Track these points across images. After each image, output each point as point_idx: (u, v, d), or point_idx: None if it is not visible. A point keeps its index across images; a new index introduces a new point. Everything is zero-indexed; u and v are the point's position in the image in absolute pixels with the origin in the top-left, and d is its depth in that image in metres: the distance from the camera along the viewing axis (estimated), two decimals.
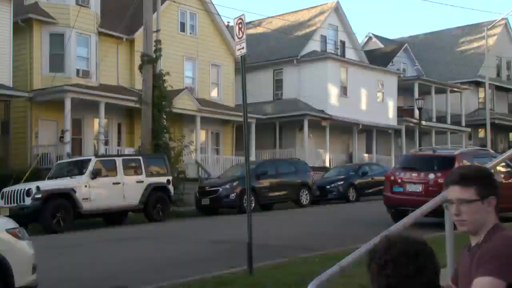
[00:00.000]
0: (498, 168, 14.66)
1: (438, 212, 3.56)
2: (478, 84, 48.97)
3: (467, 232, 3.13)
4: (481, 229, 3.10)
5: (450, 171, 3.29)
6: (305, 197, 23.43)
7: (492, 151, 23.47)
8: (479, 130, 48.42)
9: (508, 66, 53.86)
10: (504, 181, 15.10)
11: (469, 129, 46.85)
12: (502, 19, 48.41)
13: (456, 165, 14.56)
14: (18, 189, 17.26)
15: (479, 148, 26.00)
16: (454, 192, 3.11)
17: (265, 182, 22.42)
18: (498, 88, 51.83)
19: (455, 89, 46.59)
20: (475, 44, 50.90)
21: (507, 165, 15.57)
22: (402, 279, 2.31)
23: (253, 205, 19.62)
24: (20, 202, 16.89)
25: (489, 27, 45.24)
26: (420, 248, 2.40)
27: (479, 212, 3.10)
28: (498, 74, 52.43)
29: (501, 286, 2.90)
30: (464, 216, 3.07)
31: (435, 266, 2.41)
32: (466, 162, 14.77)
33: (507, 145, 50.53)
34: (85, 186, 17.75)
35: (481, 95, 49.47)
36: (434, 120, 44.43)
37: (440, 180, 13.66)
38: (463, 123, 46.54)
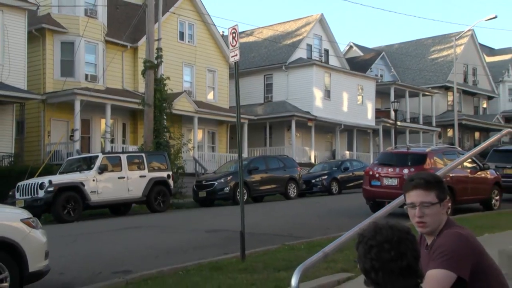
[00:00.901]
0: (465, 164, 14.72)
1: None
2: (447, 88, 49.35)
3: (427, 233, 3.12)
4: (437, 229, 3.08)
5: (408, 177, 3.27)
6: (292, 190, 23.43)
7: (460, 149, 23.57)
8: (448, 129, 48.73)
9: (474, 72, 54.19)
10: (470, 176, 15.21)
11: (439, 129, 47.17)
12: (469, 30, 48.61)
13: (428, 161, 14.63)
14: (32, 183, 17.18)
15: (448, 145, 26.08)
16: (418, 196, 3.10)
17: (256, 177, 22.40)
18: (465, 92, 52.27)
19: (427, 93, 46.84)
20: (445, 53, 51.21)
21: (473, 161, 15.62)
22: (384, 263, 2.33)
23: (245, 197, 19.61)
24: (34, 194, 16.81)
25: (457, 37, 45.46)
26: (403, 236, 2.40)
27: (438, 214, 3.11)
28: (465, 80, 52.79)
29: (450, 277, 2.88)
30: (426, 218, 3.08)
31: (415, 252, 2.40)
32: (436, 159, 14.83)
33: (473, 143, 50.88)
34: (93, 180, 17.69)
35: (450, 98, 49.82)
36: (408, 120, 44.69)
37: None
38: (434, 124, 46.84)
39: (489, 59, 58.19)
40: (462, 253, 2.96)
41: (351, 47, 53.90)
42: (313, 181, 25.76)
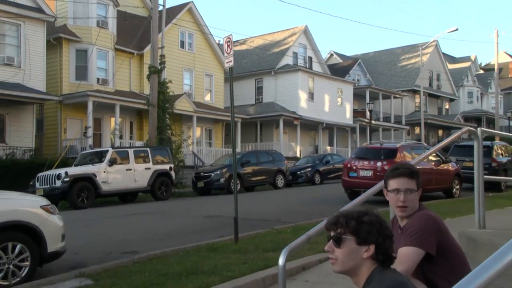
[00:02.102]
0: (430, 157, 14.79)
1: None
2: (415, 92, 49.53)
3: (406, 216, 3.13)
4: (413, 212, 3.11)
5: (393, 165, 3.29)
6: (280, 181, 23.47)
7: (425, 144, 23.72)
8: (415, 127, 48.90)
9: (438, 78, 54.44)
10: (434, 168, 15.28)
11: (407, 127, 47.38)
12: (434, 41, 48.84)
13: (398, 155, 14.67)
14: (50, 174, 17.16)
15: (415, 142, 26.24)
16: (403, 183, 3.11)
17: (248, 169, 22.43)
18: (430, 95, 52.48)
19: (397, 96, 47.01)
20: (413, 60, 51.36)
21: (437, 155, 15.69)
22: (385, 236, 2.25)
23: (238, 187, 19.59)
24: (52, 184, 16.80)
25: (423, 47, 45.62)
26: (382, 219, 2.35)
27: (415, 200, 3.15)
28: (430, 84, 53.01)
29: (420, 253, 2.92)
30: (408, 203, 3.10)
31: (389, 231, 2.32)
32: (405, 153, 14.87)
33: (436, 140, 51.17)
34: (104, 172, 17.67)
35: (417, 100, 50.02)
36: (381, 120, 44.80)
37: (386, 167, 13.70)
38: (403, 122, 47.04)
39: (451, 66, 58.51)
40: (429, 232, 2.99)
41: (331, 55, 53.95)
42: (298, 172, 25.80)
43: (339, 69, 46.86)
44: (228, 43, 8.29)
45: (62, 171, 17.10)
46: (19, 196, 7.10)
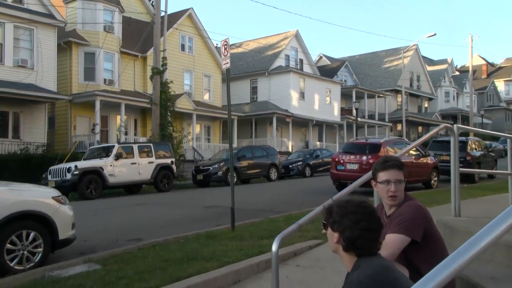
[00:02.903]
0: (411, 152, 14.85)
1: (369, 183, 3.56)
2: (397, 91, 49.64)
3: (395, 205, 3.14)
4: (400, 201, 3.13)
5: (383, 158, 3.29)
6: (273, 174, 23.48)
7: (407, 140, 23.77)
8: (397, 124, 49.06)
9: (417, 79, 54.59)
10: (414, 161, 15.33)
11: (390, 124, 47.49)
12: (414, 45, 49.02)
13: (382, 150, 14.69)
14: (61, 167, 17.09)
15: (397, 137, 26.24)
16: (394, 174, 3.13)
17: (244, 163, 22.41)
18: (411, 95, 52.63)
19: (381, 95, 47.10)
20: (395, 63, 51.46)
21: (417, 150, 15.75)
22: (345, 226, 2.29)
23: (235, 180, 19.62)
24: (62, 176, 16.72)
25: (405, 50, 45.74)
26: (364, 206, 2.37)
27: (403, 190, 3.15)
28: (411, 85, 53.16)
29: (405, 240, 2.94)
30: (397, 193, 3.12)
31: (381, 223, 2.38)
32: (388, 148, 14.90)
33: (417, 135, 51.34)
34: (111, 165, 17.61)
35: (399, 99, 50.14)
36: (366, 117, 44.91)
37: (371, 161, 13.73)
38: (387, 120, 47.14)
39: (429, 68, 58.66)
40: (417, 221, 3.01)
41: (321, 57, 53.94)
42: (290, 166, 25.81)
43: (327, 71, 46.87)
44: (225, 46, 8.28)
45: (72, 164, 17.03)
46: (33, 188, 7.09)
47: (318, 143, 39.70)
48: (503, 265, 3.66)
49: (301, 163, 25.96)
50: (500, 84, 73.12)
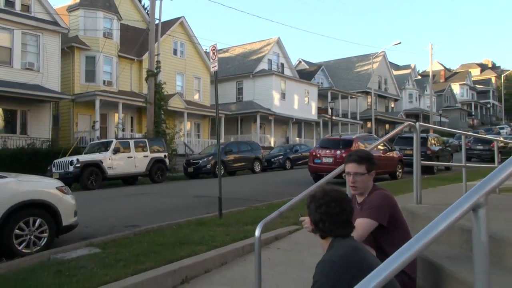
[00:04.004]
0: (379, 146, 15.00)
1: (342, 175, 3.61)
2: (367, 93, 49.95)
3: (358, 194, 3.20)
4: (366, 191, 3.17)
5: (349, 152, 3.34)
6: (257, 167, 23.52)
7: (375, 136, 23.97)
8: (368, 122, 49.44)
9: (385, 82, 55.04)
10: (382, 155, 15.49)
11: (361, 122, 47.82)
12: (382, 52, 49.47)
13: (354, 145, 14.82)
14: (64, 160, 16.94)
15: (367, 134, 26.48)
16: (352, 167, 3.17)
17: (231, 157, 22.40)
18: (379, 96, 53.07)
19: (353, 96, 47.36)
20: (365, 68, 51.78)
21: (384, 145, 15.90)
22: (330, 216, 2.33)
23: (222, 172, 19.61)
24: (66, 169, 16.58)
25: (374, 57, 46.10)
26: (344, 197, 2.42)
27: (366, 181, 3.18)
28: (379, 87, 53.57)
29: (372, 224, 2.99)
30: (357, 184, 3.15)
31: (351, 209, 2.43)
32: (359, 143, 15.02)
33: (384, 132, 51.78)
34: (109, 159, 17.48)
35: (369, 100, 50.52)
36: (340, 116, 45.14)
37: (344, 155, 13.82)
38: (358, 118, 47.46)
39: (395, 72, 59.17)
40: (384, 208, 3.05)
41: (300, 62, 53.98)
42: (272, 159, 25.88)
43: (306, 74, 46.97)
44: (214, 51, 8.24)
45: (74, 158, 16.88)
46: (39, 179, 7.03)
47: (297, 139, 39.84)
48: (457, 246, 3.73)
49: (282, 157, 26.03)
50: (455, 87, 74.28)
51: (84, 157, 17.25)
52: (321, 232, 2.36)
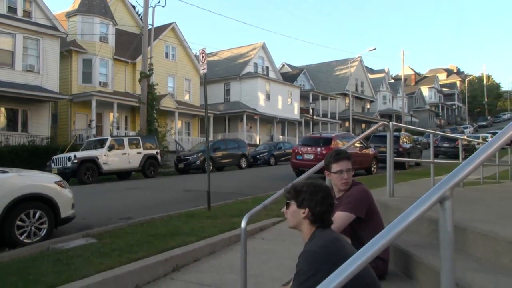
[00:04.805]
0: (356, 144, 15.11)
1: (322, 171, 3.62)
2: (345, 95, 50.22)
3: (346, 189, 3.19)
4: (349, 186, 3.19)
5: (334, 151, 3.33)
6: (243, 163, 23.49)
7: (353, 134, 24.15)
8: (346, 122, 49.72)
9: (361, 84, 55.36)
10: (359, 152, 15.61)
11: (340, 122, 48.06)
12: (358, 57, 49.80)
13: (333, 142, 14.87)
14: (62, 157, 16.73)
15: (345, 132, 26.63)
16: (346, 164, 3.18)
17: (219, 153, 22.33)
18: (356, 97, 53.35)
19: (332, 98, 47.57)
20: (344, 71, 52.02)
21: (361, 143, 16.01)
22: (316, 202, 2.31)
23: (211, 168, 19.58)
24: (64, 164, 16.39)
25: (351, 61, 46.37)
26: (325, 187, 2.41)
27: (351, 176, 3.19)
28: (356, 89, 53.87)
29: (350, 217, 3.02)
30: (348, 180, 3.16)
31: (332, 198, 2.41)
32: (338, 141, 15.09)
33: (361, 131, 52.10)
34: (105, 155, 17.31)
35: (347, 101, 50.78)
36: (321, 116, 45.30)
37: (324, 152, 13.88)
38: (337, 118, 47.70)
39: (371, 76, 59.59)
40: (362, 201, 3.08)
41: (283, 65, 54.01)
42: (258, 156, 25.88)
43: (289, 77, 47.02)
44: (203, 55, 8.21)
45: (72, 154, 16.67)
46: (38, 174, 6.95)
47: (281, 137, 39.90)
48: (426, 235, 3.79)
49: (267, 154, 26.05)
50: (425, 90, 75.29)
51: (81, 154, 17.04)
52: (322, 223, 2.31)
